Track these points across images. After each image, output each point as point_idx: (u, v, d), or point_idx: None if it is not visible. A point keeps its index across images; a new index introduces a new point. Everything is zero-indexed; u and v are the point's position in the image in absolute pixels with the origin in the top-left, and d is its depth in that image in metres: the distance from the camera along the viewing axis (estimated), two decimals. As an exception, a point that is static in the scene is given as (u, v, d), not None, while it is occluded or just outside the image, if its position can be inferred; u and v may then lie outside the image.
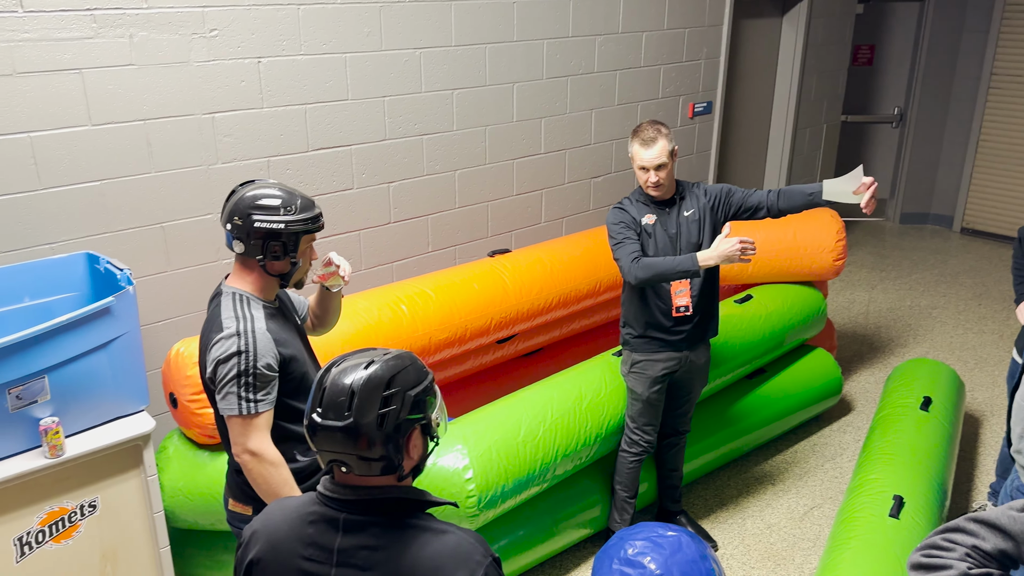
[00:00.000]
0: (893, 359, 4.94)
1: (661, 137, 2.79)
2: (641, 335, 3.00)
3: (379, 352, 1.44)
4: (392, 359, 1.41)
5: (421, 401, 1.40)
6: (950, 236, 7.18)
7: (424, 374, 1.43)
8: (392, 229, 3.73)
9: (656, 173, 2.82)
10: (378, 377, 1.37)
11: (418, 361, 1.45)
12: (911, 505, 2.89)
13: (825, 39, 5.90)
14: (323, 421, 1.36)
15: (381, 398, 1.35)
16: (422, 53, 3.60)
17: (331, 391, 1.37)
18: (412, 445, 1.40)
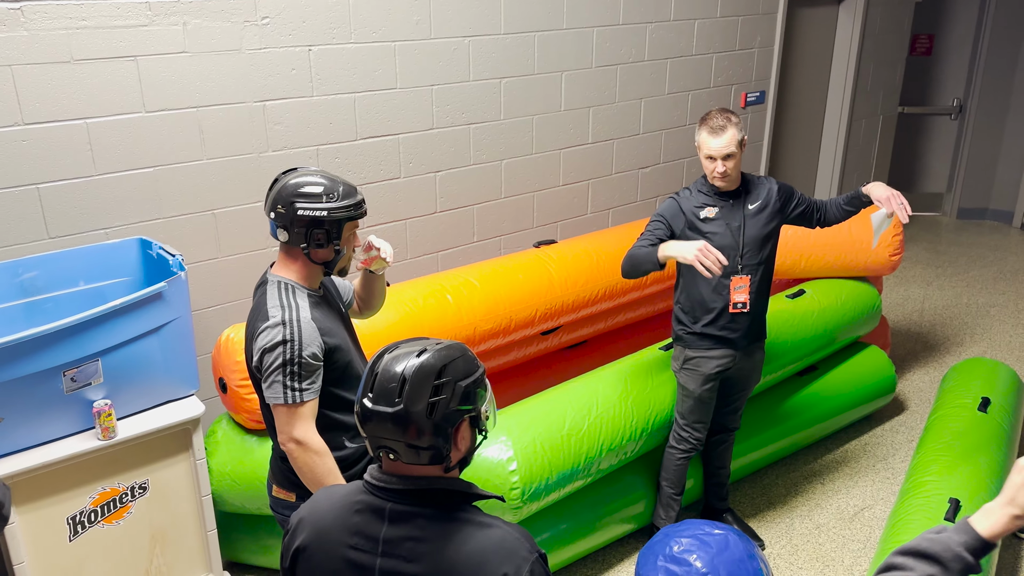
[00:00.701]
0: (949, 358, 4.79)
1: (731, 126, 2.72)
2: (695, 331, 2.94)
3: (432, 341, 1.43)
4: (444, 349, 1.40)
5: (471, 393, 1.39)
6: (1009, 232, 6.94)
7: (475, 366, 1.42)
8: (438, 218, 3.72)
9: (724, 163, 2.74)
10: (430, 366, 1.36)
11: (469, 352, 1.44)
12: (968, 508, 2.79)
13: (883, 28, 5.72)
14: (374, 407, 1.36)
15: (432, 386, 1.35)
16: (471, 41, 3.57)
17: (383, 377, 1.37)
18: (460, 436, 1.39)
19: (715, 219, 2.82)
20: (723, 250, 2.81)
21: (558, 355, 3.86)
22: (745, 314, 2.90)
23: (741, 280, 2.85)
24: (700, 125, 2.78)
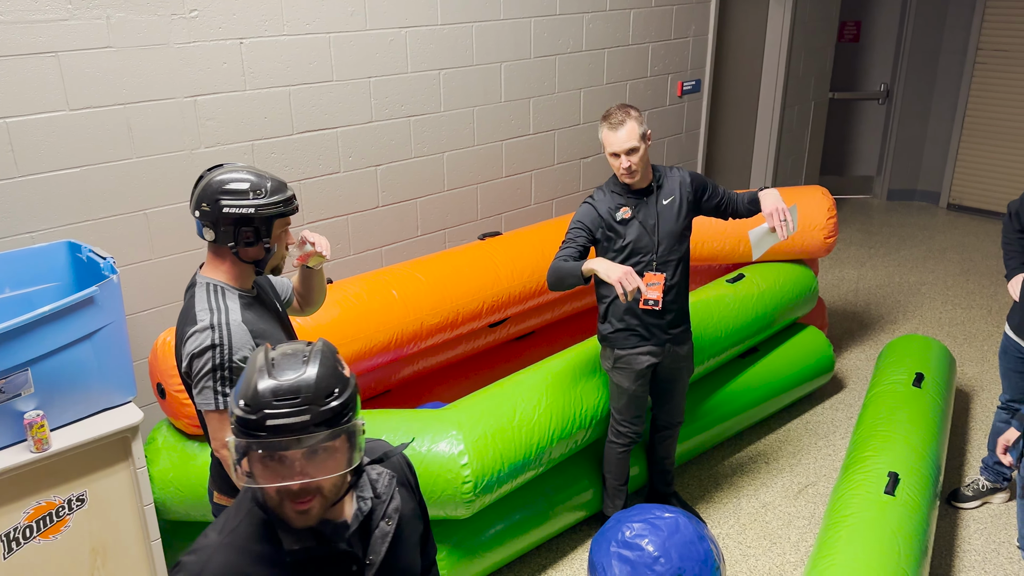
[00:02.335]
0: (884, 336, 4.95)
1: (630, 119, 2.68)
2: (620, 329, 2.92)
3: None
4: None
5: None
6: (937, 212, 7.20)
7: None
8: (380, 213, 3.68)
9: (628, 158, 2.70)
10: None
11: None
12: (906, 482, 2.89)
13: (812, 16, 5.86)
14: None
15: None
16: (407, 32, 3.53)
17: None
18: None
19: (631, 219, 2.80)
20: (640, 249, 2.81)
21: (506, 347, 3.86)
22: (661, 311, 2.89)
23: (654, 277, 2.81)
24: (601, 123, 2.74)
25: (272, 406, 1.21)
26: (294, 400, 1.22)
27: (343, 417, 1.25)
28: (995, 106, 6.75)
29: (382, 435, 2.69)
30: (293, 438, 1.21)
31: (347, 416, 1.26)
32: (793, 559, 3.17)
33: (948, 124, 7.07)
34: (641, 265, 2.83)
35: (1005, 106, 6.69)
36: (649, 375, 3.00)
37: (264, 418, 1.21)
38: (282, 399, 1.21)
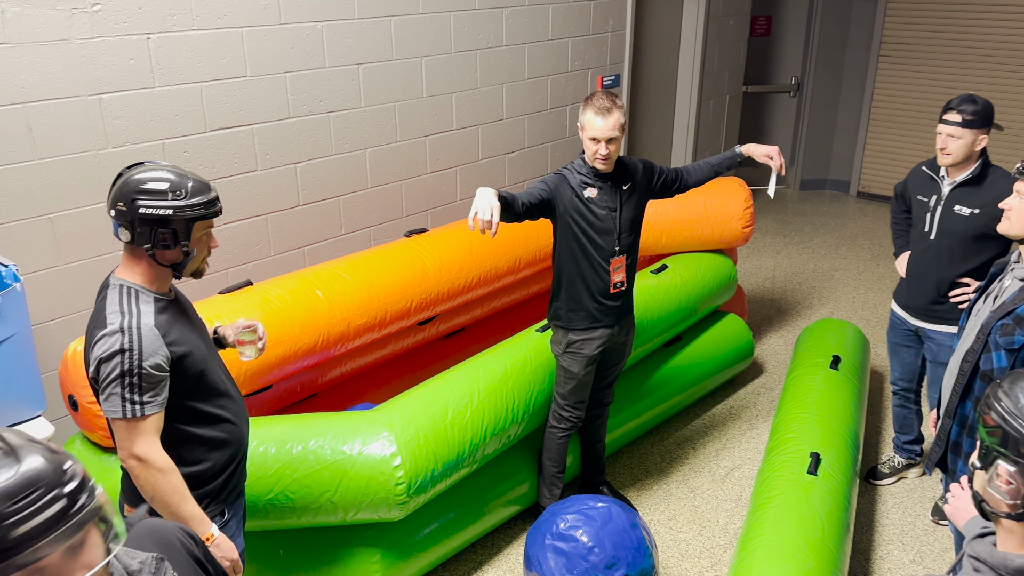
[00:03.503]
0: (801, 321, 5.13)
1: (616, 109, 2.73)
2: (576, 312, 2.96)
3: (22, 450, 1.03)
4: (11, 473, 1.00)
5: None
6: (847, 200, 7.50)
7: (38, 507, 0.99)
8: (301, 212, 3.59)
9: (607, 146, 2.75)
10: None
11: (46, 488, 1.01)
12: (827, 461, 3.00)
13: (725, 11, 6.01)
14: None
15: None
16: (324, 26, 3.45)
17: None
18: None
19: (596, 200, 2.85)
20: (603, 234, 2.86)
21: (437, 344, 3.82)
22: (622, 292, 2.97)
23: (619, 261, 2.91)
24: (585, 106, 2.76)
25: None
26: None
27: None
28: (899, 97, 7.07)
29: (309, 441, 2.63)
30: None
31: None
32: (722, 541, 3.25)
33: (855, 115, 7.36)
34: (606, 249, 2.87)
35: (908, 97, 7.01)
36: (596, 360, 3.03)
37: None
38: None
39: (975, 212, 2.92)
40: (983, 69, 6.54)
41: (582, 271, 2.90)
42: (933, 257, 3.08)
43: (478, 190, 2.51)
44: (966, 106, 2.88)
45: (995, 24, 6.45)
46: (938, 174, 3.06)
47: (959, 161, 2.94)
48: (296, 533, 2.79)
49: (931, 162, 3.13)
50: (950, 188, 3.00)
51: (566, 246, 2.89)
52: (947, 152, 2.93)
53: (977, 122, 2.87)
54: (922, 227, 3.12)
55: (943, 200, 3.02)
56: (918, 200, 3.14)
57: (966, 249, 2.99)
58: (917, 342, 3.30)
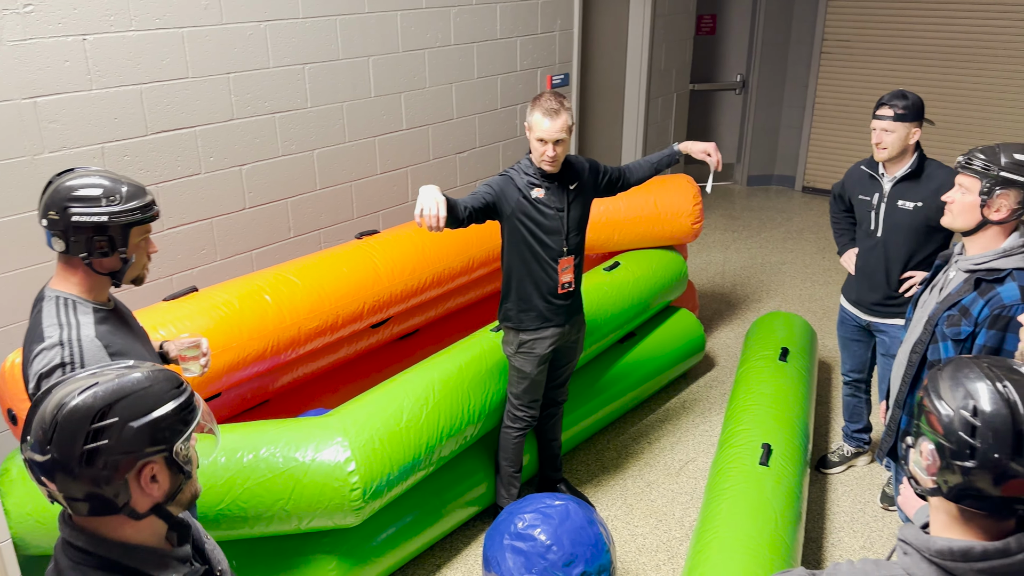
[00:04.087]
0: (750, 314, 5.21)
1: (564, 111, 2.73)
2: (526, 313, 2.96)
3: (113, 371, 1.22)
4: (117, 382, 1.19)
5: (149, 433, 1.18)
6: (793, 195, 7.65)
7: (159, 402, 1.21)
8: (248, 215, 3.52)
9: (555, 147, 2.75)
10: (86, 407, 1.16)
11: (161, 384, 1.23)
12: (778, 452, 3.05)
13: (671, 9, 6.07)
14: (27, 453, 1.18)
15: (88, 431, 1.15)
16: (267, 26, 3.39)
17: (38, 419, 1.17)
18: (145, 482, 1.20)
19: (544, 200, 2.85)
20: (551, 234, 2.86)
21: (391, 347, 3.79)
22: (570, 292, 2.98)
23: (567, 261, 2.92)
24: (533, 106, 2.75)
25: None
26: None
27: None
28: (841, 93, 7.24)
29: (260, 448, 2.58)
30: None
31: None
32: (678, 534, 3.29)
33: (800, 112, 7.52)
34: (554, 249, 2.87)
35: (850, 93, 7.19)
36: (549, 359, 3.04)
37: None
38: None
39: (918, 205, 3.00)
40: (922, 66, 6.74)
41: (531, 272, 2.90)
42: (881, 253, 3.14)
43: (421, 188, 2.50)
44: (897, 101, 2.96)
45: (933, 22, 6.64)
46: (877, 172, 3.13)
47: (894, 155, 3.01)
48: (249, 543, 2.73)
49: (869, 161, 3.19)
50: (891, 184, 3.07)
51: (514, 247, 2.88)
52: (882, 146, 3.00)
53: (909, 116, 2.95)
54: (867, 225, 3.18)
55: (886, 197, 3.09)
56: (860, 199, 3.20)
57: (912, 242, 3.06)
58: (867, 336, 3.37)
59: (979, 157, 2.20)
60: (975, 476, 1.19)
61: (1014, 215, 2.19)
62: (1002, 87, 6.44)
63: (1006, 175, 2.15)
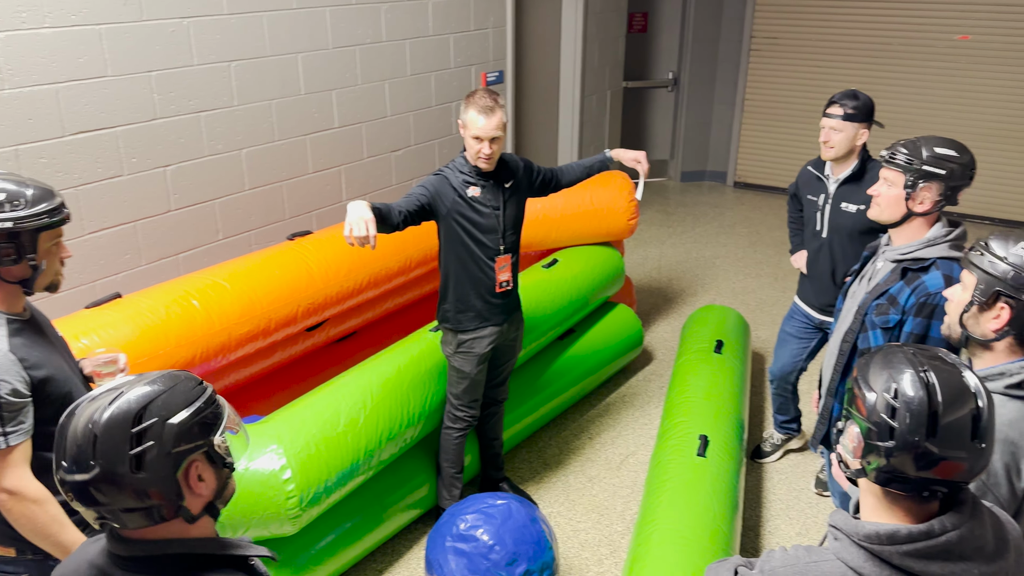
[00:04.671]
0: (686, 308, 5.30)
1: (499, 108, 2.72)
2: (464, 312, 2.94)
3: (134, 380, 1.22)
4: (145, 385, 1.19)
5: (190, 428, 1.19)
6: (725, 191, 7.81)
7: (192, 396, 1.21)
8: (174, 217, 3.41)
9: (490, 145, 2.74)
10: (123, 412, 1.15)
11: (185, 381, 1.24)
12: (715, 443, 3.10)
13: (603, 7, 6.12)
14: (68, 476, 1.14)
15: (131, 435, 1.14)
16: (190, 22, 3.28)
17: (72, 438, 1.15)
18: (193, 479, 1.20)
19: (480, 198, 2.83)
20: (487, 233, 2.84)
21: (327, 350, 3.72)
22: (508, 290, 2.97)
23: (504, 259, 2.90)
24: (467, 104, 2.73)
25: None
26: None
27: None
28: (769, 90, 7.41)
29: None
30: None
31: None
32: (620, 528, 3.31)
33: (730, 109, 7.67)
34: (491, 247, 2.86)
35: (778, 90, 7.37)
36: (488, 358, 3.02)
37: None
38: None
39: (860, 208, 3.01)
40: (848, 63, 6.95)
41: (468, 271, 2.88)
42: (827, 254, 3.20)
43: (348, 205, 2.46)
44: (847, 100, 2.99)
45: (858, 20, 6.86)
46: (823, 172, 3.18)
47: (841, 154, 3.04)
48: (182, 557, 2.64)
49: (816, 161, 3.23)
50: (836, 186, 3.12)
51: (451, 247, 2.86)
52: (830, 145, 3.04)
53: (858, 116, 2.99)
54: (813, 226, 3.24)
55: (830, 198, 3.13)
56: (808, 200, 3.25)
57: (857, 244, 3.09)
58: (812, 335, 3.42)
59: (902, 151, 2.27)
60: (896, 458, 1.22)
61: (937, 206, 2.27)
62: (926, 83, 6.69)
63: (928, 169, 2.23)
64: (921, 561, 1.21)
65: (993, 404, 1.24)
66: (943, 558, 1.21)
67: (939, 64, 6.60)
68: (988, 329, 1.73)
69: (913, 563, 1.21)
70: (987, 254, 1.73)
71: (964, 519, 1.23)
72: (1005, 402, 1.67)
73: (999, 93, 6.45)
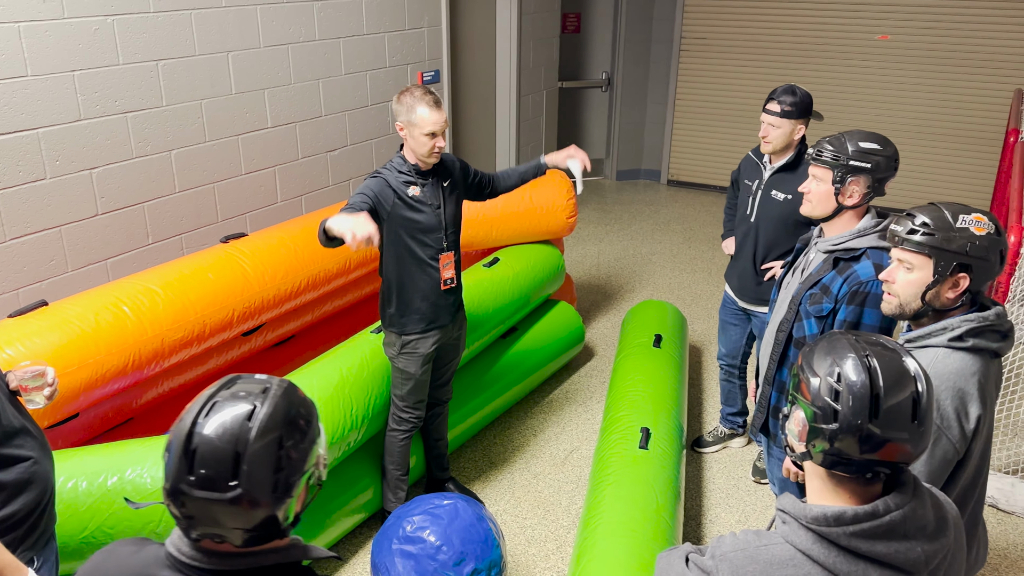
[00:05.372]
0: (625, 303, 5.37)
1: (440, 100, 2.71)
2: (409, 315, 2.92)
3: (253, 387, 1.16)
4: (274, 399, 1.14)
5: (313, 448, 1.17)
6: (659, 189, 7.94)
7: (311, 406, 1.19)
8: (101, 222, 3.29)
9: (443, 138, 2.72)
10: (270, 430, 1.10)
11: (299, 393, 1.20)
12: (656, 435, 3.15)
13: (537, 7, 6.16)
14: (198, 492, 1.08)
15: (276, 457, 1.10)
16: (115, 20, 3.18)
17: (205, 452, 1.08)
18: (299, 499, 1.17)
19: (421, 198, 2.81)
20: (430, 232, 2.83)
21: (266, 355, 3.64)
22: (452, 288, 2.96)
23: (448, 257, 2.90)
24: (411, 102, 2.68)
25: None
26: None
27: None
28: (699, 90, 7.57)
29: (125, 470, 2.41)
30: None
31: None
32: (566, 523, 3.34)
33: (662, 108, 7.81)
34: (433, 247, 2.84)
35: (708, 89, 7.53)
36: (432, 358, 3.00)
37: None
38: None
39: (788, 198, 3.12)
40: (774, 62, 7.15)
41: (411, 271, 2.86)
42: (753, 239, 3.29)
43: (327, 223, 2.42)
44: (785, 97, 3.08)
45: (784, 19, 7.06)
46: (762, 160, 3.28)
47: (779, 149, 3.15)
48: (118, 572, 2.55)
49: (758, 148, 3.34)
50: (769, 174, 3.22)
51: (393, 249, 2.84)
52: (767, 140, 3.14)
53: (795, 113, 3.08)
54: (744, 210, 3.33)
55: (763, 185, 3.24)
56: (745, 184, 3.35)
57: (781, 233, 3.20)
58: (745, 320, 3.52)
59: (828, 148, 2.35)
60: (840, 440, 1.26)
61: (865, 199, 2.35)
62: (849, 80, 6.93)
63: (854, 163, 2.31)
64: (867, 541, 1.24)
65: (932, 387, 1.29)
66: (888, 537, 1.24)
67: (861, 63, 6.85)
68: (947, 298, 1.84)
69: (860, 543, 1.24)
70: (939, 232, 1.80)
71: (907, 499, 1.26)
72: (950, 353, 1.80)
73: (917, 90, 6.73)
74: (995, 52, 6.41)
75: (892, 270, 1.90)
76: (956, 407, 1.76)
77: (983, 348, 1.81)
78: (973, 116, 6.62)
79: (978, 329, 1.81)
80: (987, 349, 1.82)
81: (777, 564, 1.28)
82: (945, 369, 1.78)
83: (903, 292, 1.88)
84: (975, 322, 1.80)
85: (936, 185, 6.92)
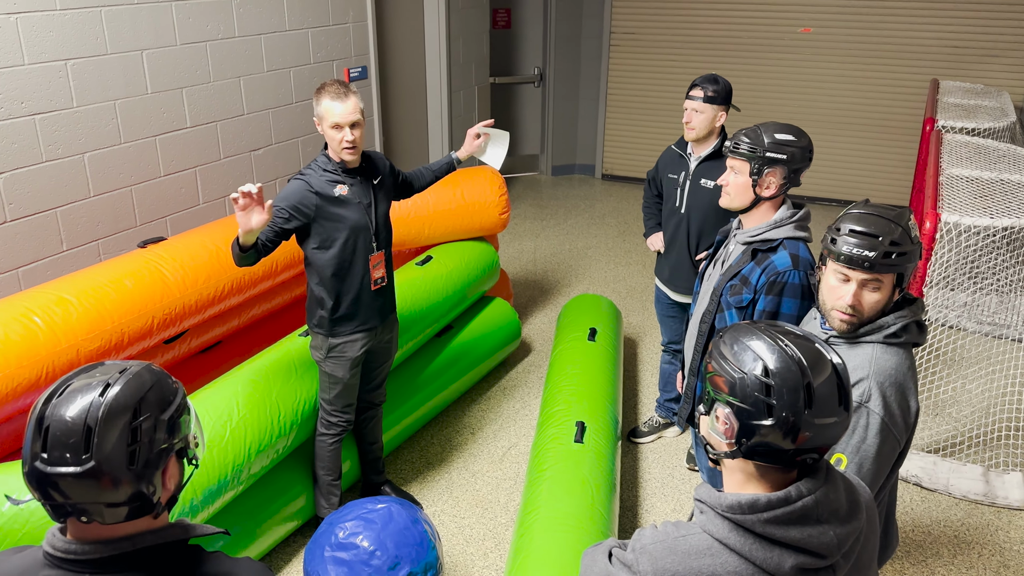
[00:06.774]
0: (561, 298, 5.39)
1: (351, 93, 2.63)
2: (338, 316, 2.85)
3: (111, 369, 1.20)
4: (132, 377, 1.18)
5: (176, 423, 1.20)
6: (594, 183, 7.99)
7: (174, 389, 1.23)
8: (10, 229, 3.14)
9: (352, 131, 2.64)
10: (121, 404, 1.14)
11: (162, 373, 1.24)
12: (591, 428, 3.16)
13: (465, 3, 6.12)
14: (51, 469, 1.10)
15: (129, 430, 1.13)
16: (19, 18, 3.03)
17: (57, 429, 1.11)
18: (168, 475, 1.21)
19: (349, 197, 2.74)
20: (359, 231, 2.77)
21: (190, 362, 3.53)
22: (383, 288, 2.91)
23: (378, 256, 2.85)
24: (319, 95, 2.63)
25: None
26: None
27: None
28: (630, 84, 7.64)
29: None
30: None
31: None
32: (504, 520, 3.33)
33: (594, 103, 7.86)
34: (363, 246, 2.78)
35: (638, 84, 7.61)
36: (361, 361, 2.94)
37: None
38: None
39: (718, 185, 3.19)
40: (701, 56, 7.26)
41: (341, 273, 2.80)
42: (685, 230, 3.34)
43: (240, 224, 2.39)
44: (708, 84, 3.16)
45: (709, 15, 7.17)
46: (686, 151, 3.32)
47: (702, 135, 3.21)
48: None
49: (680, 142, 3.38)
50: (696, 163, 3.27)
51: (321, 249, 2.77)
52: (691, 126, 3.20)
53: (717, 99, 3.15)
54: (673, 202, 3.37)
55: (691, 175, 3.28)
56: (669, 178, 3.38)
57: (713, 219, 3.26)
58: (681, 312, 3.55)
59: (744, 141, 2.39)
60: (771, 433, 1.24)
61: (782, 190, 2.39)
62: (773, 73, 7.08)
63: (770, 155, 2.35)
64: (781, 527, 1.24)
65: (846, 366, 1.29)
66: (801, 523, 1.25)
67: (784, 56, 7.01)
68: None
69: (774, 530, 1.24)
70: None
71: (819, 484, 1.27)
72: (886, 349, 1.83)
73: (839, 81, 6.92)
74: (912, 43, 6.64)
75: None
76: (899, 402, 1.79)
77: (910, 342, 1.87)
78: (893, 106, 6.85)
79: (907, 324, 1.85)
80: (913, 342, 1.87)
81: (695, 554, 1.28)
82: (885, 365, 1.81)
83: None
84: (908, 318, 1.85)
85: (858, 174, 7.13)
